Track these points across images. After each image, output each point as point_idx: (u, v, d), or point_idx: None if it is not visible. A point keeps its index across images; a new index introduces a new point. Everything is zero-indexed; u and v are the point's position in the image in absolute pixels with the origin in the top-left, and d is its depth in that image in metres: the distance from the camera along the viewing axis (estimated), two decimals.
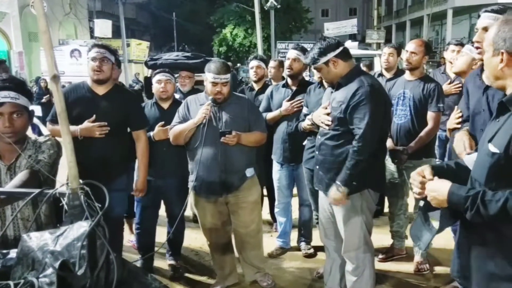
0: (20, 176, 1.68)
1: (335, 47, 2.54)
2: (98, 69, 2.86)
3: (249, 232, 3.04)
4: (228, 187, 2.85)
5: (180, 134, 2.84)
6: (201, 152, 2.77)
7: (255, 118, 2.93)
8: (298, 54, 3.45)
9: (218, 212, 2.98)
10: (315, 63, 2.56)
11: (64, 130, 1.20)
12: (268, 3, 17.77)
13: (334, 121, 2.57)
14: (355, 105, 2.45)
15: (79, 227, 1.20)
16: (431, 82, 3.21)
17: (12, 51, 16.98)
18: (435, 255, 3.62)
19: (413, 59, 3.18)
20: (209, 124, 2.78)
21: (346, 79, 2.55)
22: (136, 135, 3.08)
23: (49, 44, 1.14)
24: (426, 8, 24.98)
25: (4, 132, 1.76)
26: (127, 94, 3.20)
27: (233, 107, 2.87)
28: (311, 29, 31.78)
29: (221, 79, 2.74)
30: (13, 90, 1.78)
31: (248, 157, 2.92)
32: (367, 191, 2.61)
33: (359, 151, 2.44)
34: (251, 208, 2.99)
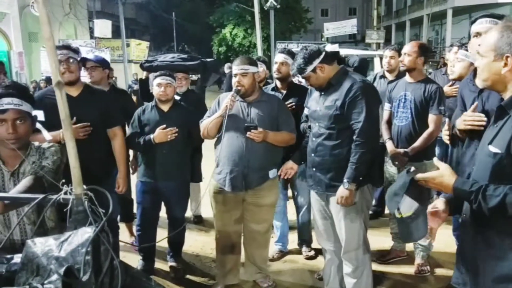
0: (24, 182, 1.68)
1: (319, 54, 2.61)
2: (67, 71, 2.84)
3: (260, 229, 3.08)
4: (249, 183, 2.87)
5: (205, 128, 2.90)
6: (225, 145, 2.82)
7: (284, 117, 2.95)
8: (285, 58, 3.47)
9: (234, 208, 3.00)
10: (302, 72, 2.62)
11: (68, 136, 1.21)
12: (267, 3, 17.79)
13: (330, 119, 2.60)
14: (351, 101, 2.52)
15: (83, 233, 1.20)
16: (432, 84, 3.21)
17: (12, 52, 16.96)
18: (436, 257, 3.63)
19: (406, 60, 3.22)
20: (237, 120, 2.82)
21: (336, 79, 2.62)
22: (112, 132, 3.10)
23: (53, 51, 1.14)
24: (426, 8, 24.97)
25: (8, 138, 1.76)
26: (99, 93, 3.19)
27: (263, 105, 2.89)
28: (310, 29, 31.84)
29: (239, 69, 2.80)
30: (16, 97, 1.78)
31: (273, 156, 2.94)
32: (366, 187, 2.65)
33: (362, 144, 2.49)
34: (266, 209, 3.04)
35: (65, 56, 2.86)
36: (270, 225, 3.17)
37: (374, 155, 2.63)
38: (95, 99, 3.00)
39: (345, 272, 2.79)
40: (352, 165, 2.51)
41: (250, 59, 2.96)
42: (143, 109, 3.38)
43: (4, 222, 1.81)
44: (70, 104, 2.88)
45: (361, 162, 2.50)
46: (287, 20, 27.74)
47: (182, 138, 3.26)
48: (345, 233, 2.67)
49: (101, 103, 3.00)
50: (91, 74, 3.71)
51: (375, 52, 11.99)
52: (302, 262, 3.69)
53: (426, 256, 3.44)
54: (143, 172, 3.35)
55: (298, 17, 29.30)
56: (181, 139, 3.25)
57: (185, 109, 3.45)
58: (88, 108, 2.89)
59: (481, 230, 1.57)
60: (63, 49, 2.89)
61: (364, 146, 2.50)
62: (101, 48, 15.62)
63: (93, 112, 2.92)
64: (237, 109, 2.86)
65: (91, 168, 2.77)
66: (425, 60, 3.27)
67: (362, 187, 2.62)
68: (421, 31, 27.90)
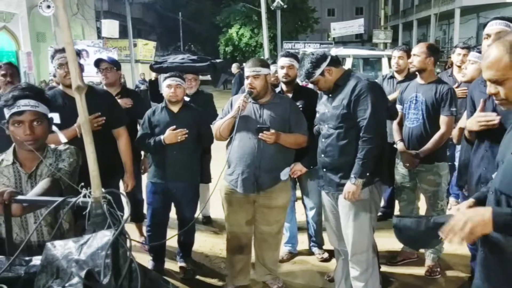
0: (42, 184, 1.70)
1: (325, 58, 2.65)
2: (68, 74, 2.82)
3: (271, 231, 3.08)
4: (260, 185, 2.87)
5: (218, 129, 2.92)
6: (237, 146, 2.84)
7: (296, 119, 2.95)
8: (291, 61, 3.47)
9: (245, 209, 3.01)
10: (311, 77, 2.65)
11: (87, 140, 1.22)
12: (274, 3, 17.79)
13: (338, 119, 2.63)
14: (357, 98, 2.56)
15: (102, 236, 1.21)
16: (443, 85, 3.19)
17: (20, 52, 17.08)
18: (447, 259, 3.61)
19: (415, 61, 3.20)
20: (249, 120, 2.84)
21: (342, 80, 2.67)
22: (117, 132, 3.13)
23: (73, 55, 1.15)
24: (433, 8, 24.83)
25: (25, 140, 1.78)
26: (100, 93, 3.20)
27: (275, 107, 2.91)
28: (317, 28, 31.77)
29: (251, 71, 2.83)
30: (32, 98, 1.80)
31: (285, 158, 2.95)
32: (375, 187, 2.66)
33: (368, 139, 2.53)
34: (277, 211, 3.04)
35: (65, 60, 2.84)
36: (281, 226, 3.17)
37: (381, 151, 2.65)
38: (99, 100, 3.01)
39: (352, 275, 2.77)
40: (359, 160, 2.55)
41: (262, 61, 2.98)
42: (153, 110, 3.40)
43: (21, 223, 1.83)
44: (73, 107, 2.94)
45: (368, 158, 2.53)
46: (293, 20, 27.70)
47: (192, 139, 3.27)
48: (353, 235, 2.68)
49: (104, 104, 3.01)
50: (106, 75, 3.74)
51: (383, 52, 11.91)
52: (312, 263, 3.69)
53: (437, 258, 3.42)
54: (153, 173, 3.37)
55: (304, 17, 29.24)
56: (191, 140, 3.26)
57: (195, 110, 3.47)
58: (92, 110, 2.89)
59: None
60: (64, 52, 2.87)
61: (371, 142, 2.53)
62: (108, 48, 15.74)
63: (96, 113, 2.93)
64: (249, 110, 2.87)
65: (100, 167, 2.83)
66: (435, 61, 3.24)
67: (371, 187, 2.62)
68: (429, 30, 27.74)
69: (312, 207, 3.66)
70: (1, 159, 1.88)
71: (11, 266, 1.31)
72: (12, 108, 1.79)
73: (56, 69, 2.91)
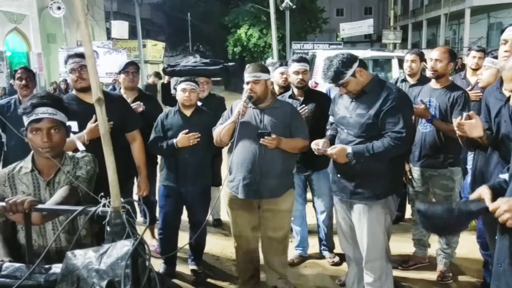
0: (60, 192, 1.72)
1: (356, 58, 2.60)
2: (80, 78, 2.88)
3: (277, 237, 3.06)
4: (262, 191, 2.86)
5: (218, 134, 2.90)
6: (238, 151, 2.82)
7: (297, 124, 2.94)
8: (304, 65, 3.49)
9: (250, 216, 2.99)
10: (342, 78, 2.55)
11: (107, 151, 1.23)
12: (283, 4, 17.73)
13: (362, 128, 2.58)
14: (388, 110, 2.50)
15: (122, 246, 1.23)
16: (457, 90, 3.16)
17: (31, 53, 17.29)
18: (459, 264, 3.59)
19: (438, 66, 3.15)
20: (250, 126, 2.82)
21: (370, 87, 2.60)
22: (131, 136, 3.15)
23: (94, 69, 1.17)
24: (443, 8, 24.63)
25: (43, 147, 1.80)
26: (114, 97, 3.22)
27: (276, 112, 2.90)
28: (326, 28, 31.64)
29: (251, 77, 2.83)
30: (50, 106, 1.82)
31: (286, 163, 2.93)
32: (391, 197, 2.64)
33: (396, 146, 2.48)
34: (282, 215, 3.01)
35: (78, 64, 2.89)
36: (287, 231, 3.14)
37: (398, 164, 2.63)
38: (113, 104, 3.00)
39: (366, 281, 2.76)
40: (370, 149, 2.50)
41: (262, 66, 2.97)
42: (166, 114, 3.42)
43: (39, 230, 1.85)
44: (88, 111, 2.90)
45: (384, 151, 2.48)
46: (302, 20, 27.62)
47: (204, 143, 3.28)
48: (367, 242, 2.66)
49: (118, 108, 3.03)
50: (133, 79, 3.80)
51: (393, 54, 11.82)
52: (323, 267, 3.68)
53: (449, 263, 3.40)
54: (165, 176, 3.39)
55: (313, 17, 29.13)
56: (203, 143, 3.27)
57: (207, 114, 3.48)
58: (106, 114, 2.91)
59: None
60: (76, 57, 2.91)
61: (398, 149, 2.51)
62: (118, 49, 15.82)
63: (111, 118, 2.94)
64: (250, 116, 2.85)
65: None
66: (453, 66, 3.23)
67: (387, 197, 2.60)
68: (438, 30, 27.53)
69: (323, 211, 3.65)
70: (20, 167, 1.91)
71: (31, 274, 1.33)
72: (31, 116, 1.81)
73: (69, 73, 2.94)
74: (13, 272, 1.36)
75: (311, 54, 11.81)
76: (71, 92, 3.09)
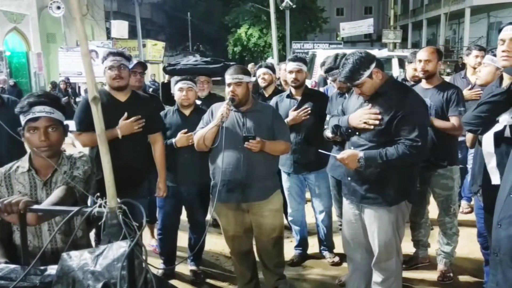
0: (57, 192, 1.70)
1: (374, 58, 2.48)
2: (118, 77, 2.92)
3: (271, 240, 3.02)
4: (249, 194, 2.84)
5: (201, 137, 2.84)
6: (221, 155, 2.76)
7: (279, 126, 2.92)
8: (299, 65, 3.46)
9: (240, 219, 2.97)
10: (358, 78, 2.43)
11: (103, 151, 1.22)
12: (283, 3, 17.70)
13: (373, 132, 2.49)
14: (402, 116, 2.40)
15: (118, 247, 1.21)
16: (450, 88, 3.16)
17: (31, 52, 17.27)
18: (460, 263, 3.57)
19: (428, 66, 3.14)
20: (233, 130, 2.79)
21: (383, 89, 2.48)
22: (154, 138, 3.15)
23: (89, 67, 1.15)
24: (444, 7, 24.61)
25: (40, 146, 1.78)
26: (145, 99, 3.26)
27: (258, 115, 2.86)
28: (326, 28, 31.65)
29: (233, 78, 2.78)
30: (47, 105, 1.80)
31: (269, 166, 2.91)
32: (404, 203, 2.58)
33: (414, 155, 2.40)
34: (272, 216, 2.97)
35: (118, 63, 2.93)
36: (280, 233, 3.07)
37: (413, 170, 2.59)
38: (142, 104, 3.08)
39: (374, 280, 2.72)
40: (384, 156, 2.39)
41: (243, 68, 2.92)
42: (165, 113, 3.41)
43: (34, 231, 1.83)
44: (119, 108, 2.95)
45: (397, 159, 2.38)
46: (302, 19, 27.63)
47: None
48: (378, 244, 2.62)
49: (146, 109, 3.06)
50: (140, 80, 3.83)
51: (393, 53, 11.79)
52: (323, 267, 3.66)
53: (449, 263, 3.39)
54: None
55: (313, 16, 29.14)
56: None
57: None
58: (135, 113, 2.97)
59: None
60: (117, 56, 2.96)
61: (413, 157, 2.43)
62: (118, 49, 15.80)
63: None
64: (232, 119, 2.81)
65: (131, 171, 2.85)
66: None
67: (400, 203, 2.56)
68: (439, 30, 27.52)
69: (321, 211, 3.63)
70: (16, 166, 1.89)
71: (27, 275, 1.31)
72: (28, 115, 1.80)
73: (107, 69, 2.95)
74: (8, 274, 1.34)
75: (311, 54, 11.79)
76: (103, 87, 3.13)
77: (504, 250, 1.53)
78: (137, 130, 2.94)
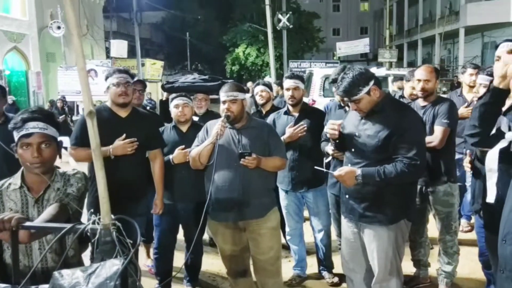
0: (49, 209, 1.67)
1: (372, 75, 2.49)
2: (124, 93, 2.95)
3: (268, 259, 2.96)
4: (246, 212, 2.80)
5: (196, 155, 2.82)
6: (216, 173, 2.74)
7: (275, 143, 2.91)
8: (296, 82, 3.46)
9: (236, 238, 2.92)
10: (356, 94, 2.43)
11: (98, 166, 1.20)
12: (280, 23, 17.96)
13: (370, 150, 2.48)
14: (401, 134, 2.39)
15: (111, 265, 1.18)
16: (442, 102, 3.18)
17: (30, 71, 17.34)
18: (461, 283, 3.51)
19: (428, 86, 3.15)
20: (228, 147, 2.77)
21: (381, 107, 2.48)
22: (153, 154, 3.15)
23: (85, 81, 1.14)
24: (438, 27, 24.97)
25: (33, 163, 1.76)
26: (145, 115, 3.28)
27: (253, 131, 2.85)
28: (322, 47, 32.04)
29: (228, 96, 2.77)
30: (41, 121, 1.78)
31: (266, 183, 2.89)
32: (404, 221, 2.55)
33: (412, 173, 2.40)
34: (270, 234, 2.92)
35: (125, 80, 2.97)
36: (278, 252, 3.02)
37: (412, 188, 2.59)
38: (142, 121, 3.09)
39: None
40: (382, 174, 2.36)
41: (238, 85, 2.92)
42: (162, 130, 3.40)
43: (25, 249, 1.78)
44: (119, 124, 2.97)
45: (396, 177, 2.36)
46: (299, 39, 27.97)
47: None
48: (378, 264, 2.57)
49: (146, 125, 3.08)
50: (140, 97, 3.81)
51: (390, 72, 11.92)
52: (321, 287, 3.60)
53: (450, 283, 3.33)
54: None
55: (310, 36, 29.55)
56: None
57: None
58: (135, 129, 2.98)
59: None
60: (124, 73, 3.01)
61: (411, 176, 2.43)
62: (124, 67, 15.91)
63: (139, 134, 2.99)
64: (227, 136, 2.80)
65: (130, 188, 2.85)
66: None
67: (399, 221, 2.53)
68: (433, 49, 27.84)
69: (320, 229, 3.59)
70: (8, 183, 1.85)
71: None
72: (21, 131, 1.77)
73: (112, 86, 2.97)
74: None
75: (308, 72, 11.89)
76: (105, 103, 3.15)
77: (511, 267, 1.50)
78: (130, 152, 2.91)
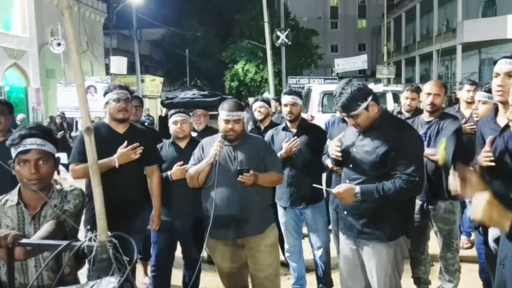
0: (46, 227, 1.65)
1: (371, 91, 2.49)
2: (124, 109, 2.97)
3: (267, 276, 2.92)
4: (245, 229, 2.78)
5: (194, 175, 2.81)
6: (215, 191, 2.73)
7: (271, 158, 2.91)
8: (294, 98, 3.47)
9: (235, 255, 2.89)
10: (355, 109, 2.42)
11: (95, 182, 1.19)
12: (279, 40, 18.12)
13: (368, 166, 2.47)
14: (399, 151, 2.39)
15: (107, 283, 1.16)
16: (447, 118, 3.20)
17: (29, 88, 17.42)
18: None
19: (437, 101, 3.18)
20: (224, 164, 2.76)
21: (379, 123, 2.48)
22: (151, 170, 3.15)
23: (84, 97, 1.14)
24: (435, 44, 25.22)
25: (30, 179, 1.75)
26: (143, 131, 3.29)
27: (248, 147, 2.85)
28: (321, 64, 32.34)
29: (233, 116, 2.76)
30: (39, 137, 1.78)
31: (263, 199, 2.88)
32: (403, 238, 2.53)
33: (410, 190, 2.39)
34: (268, 251, 2.90)
35: (125, 96, 3.00)
36: (277, 269, 2.99)
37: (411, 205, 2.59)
38: (139, 137, 3.08)
39: None
40: (381, 190, 2.36)
41: (239, 104, 2.90)
42: (160, 146, 3.40)
43: (20, 267, 1.76)
44: (117, 140, 2.96)
45: (394, 194, 2.35)
46: (298, 56, 28.25)
47: None
48: (377, 281, 2.54)
49: (144, 141, 3.06)
50: (136, 113, 3.85)
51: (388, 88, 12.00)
52: None
53: None
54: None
55: (308, 53, 29.85)
56: None
57: None
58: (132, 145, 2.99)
59: None
60: (124, 89, 3.04)
61: (410, 192, 2.43)
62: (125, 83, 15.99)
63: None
64: (223, 154, 2.79)
65: (127, 204, 2.83)
66: None
67: (398, 238, 2.51)
68: (431, 66, 28.07)
69: (319, 246, 3.55)
70: (5, 200, 1.84)
71: None
72: (18, 147, 1.77)
73: (112, 101, 2.98)
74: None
75: (306, 88, 11.97)
76: (102, 120, 3.17)
77: None
78: (135, 158, 2.93)
